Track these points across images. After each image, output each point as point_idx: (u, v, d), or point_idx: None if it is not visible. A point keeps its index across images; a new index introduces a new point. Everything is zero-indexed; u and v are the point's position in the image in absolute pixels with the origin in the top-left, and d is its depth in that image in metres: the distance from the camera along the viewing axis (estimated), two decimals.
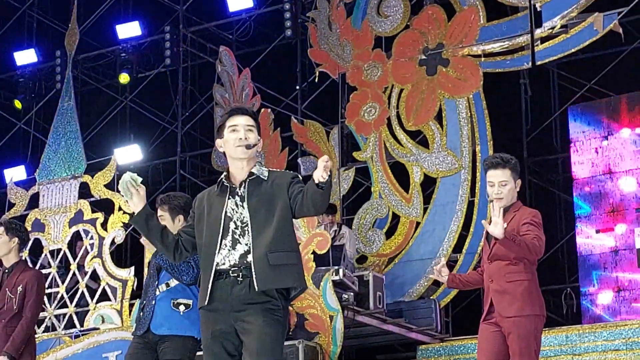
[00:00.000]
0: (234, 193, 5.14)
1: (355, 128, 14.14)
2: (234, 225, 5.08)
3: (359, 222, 13.79)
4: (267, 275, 4.98)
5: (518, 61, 13.39)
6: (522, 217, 6.11)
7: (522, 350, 5.99)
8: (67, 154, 12.78)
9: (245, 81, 14.97)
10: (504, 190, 6.18)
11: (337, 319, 10.87)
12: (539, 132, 14.41)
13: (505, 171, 6.21)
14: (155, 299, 6.83)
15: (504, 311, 6.07)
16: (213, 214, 5.15)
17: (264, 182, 5.14)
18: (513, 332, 6.02)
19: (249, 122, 5.18)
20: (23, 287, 7.53)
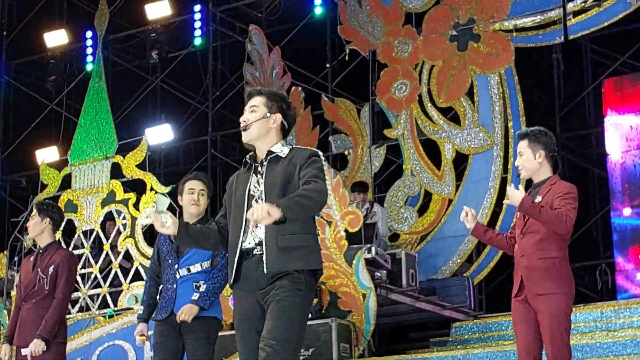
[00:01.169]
0: (257, 171, 5.15)
1: (386, 105, 14.08)
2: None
3: (391, 200, 13.75)
4: (276, 258, 4.98)
5: (550, 36, 13.28)
6: (557, 190, 6.10)
7: (553, 328, 5.98)
8: (99, 134, 12.80)
9: (276, 60, 14.93)
10: (521, 161, 6.26)
11: (369, 297, 10.86)
12: (571, 108, 14.30)
13: (522, 142, 6.29)
14: (177, 282, 6.86)
15: (533, 288, 6.06)
16: (239, 193, 5.16)
17: (282, 159, 5.11)
18: (543, 310, 6.01)
19: (253, 102, 5.22)
20: (54, 268, 7.56)
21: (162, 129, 15.36)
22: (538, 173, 6.25)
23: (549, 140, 6.28)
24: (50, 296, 7.55)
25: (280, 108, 5.23)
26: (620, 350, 9.16)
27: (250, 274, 5.04)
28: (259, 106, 5.20)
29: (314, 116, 14.69)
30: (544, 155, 6.22)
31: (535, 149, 6.22)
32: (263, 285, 5.00)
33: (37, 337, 7.40)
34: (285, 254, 4.98)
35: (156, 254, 7.12)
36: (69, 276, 7.63)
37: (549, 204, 6.05)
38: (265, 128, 5.17)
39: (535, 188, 6.26)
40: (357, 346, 10.80)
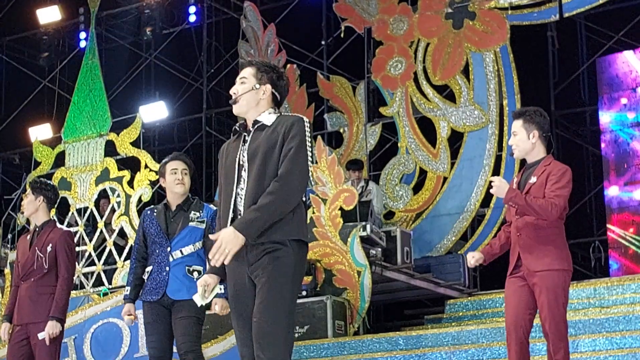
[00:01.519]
0: (245, 140, 5.08)
1: (381, 83, 14.06)
2: (245, 174, 5.01)
3: (386, 178, 13.75)
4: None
5: (545, 13, 13.25)
6: (552, 172, 6.12)
7: (551, 304, 6.01)
8: (93, 112, 12.76)
9: (271, 37, 14.88)
10: (515, 140, 6.28)
11: (364, 274, 10.87)
12: (566, 85, 14.30)
13: (517, 122, 6.32)
14: (169, 265, 6.87)
15: (532, 265, 6.08)
16: (228, 162, 5.09)
17: (267, 128, 5.04)
18: (542, 285, 6.03)
19: (243, 74, 5.16)
20: (53, 246, 7.55)
21: (156, 107, 15.31)
22: (531, 153, 6.27)
23: (543, 121, 6.28)
24: (50, 274, 7.55)
25: (270, 79, 5.15)
26: (613, 326, 9.19)
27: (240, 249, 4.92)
28: (248, 77, 5.14)
29: (309, 94, 14.67)
30: (537, 135, 6.24)
31: (530, 129, 6.24)
32: (252, 260, 4.91)
33: (50, 319, 7.40)
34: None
35: (142, 235, 7.10)
36: (70, 254, 7.63)
37: (543, 185, 6.07)
38: (254, 100, 5.11)
39: (529, 168, 6.27)
40: (352, 323, 10.82)
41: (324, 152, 11.37)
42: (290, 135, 4.97)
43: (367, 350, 10.03)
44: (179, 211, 7.04)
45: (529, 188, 6.15)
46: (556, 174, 6.09)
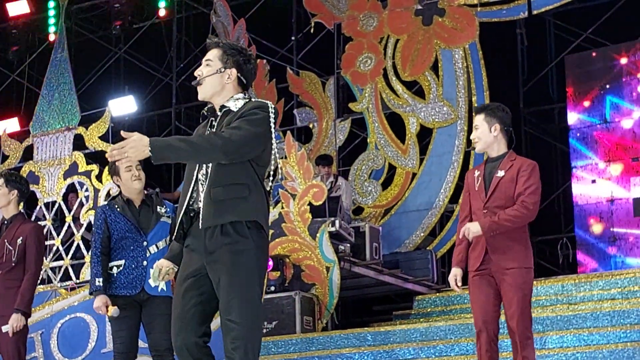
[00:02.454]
0: (212, 126, 4.94)
1: (351, 79, 14.08)
2: (205, 165, 4.86)
3: (355, 173, 13.77)
4: (210, 211, 4.75)
5: (514, 10, 13.30)
6: (521, 167, 6.16)
7: (520, 301, 6.06)
8: (61, 105, 12.69)
9: (241, 32, 14.86)
10: (477, 134, 6.35)
11: (333, 270, 10.89)
12: (535, 82, 14.37)
13: (479, 116, 6.39)
14: (147, 259, 6.85)
15: (503, 263, 6.11)
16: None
17: (232, 113, 4.88)
18: (512, 283, 6.07)
19: (208, 56, 5.03)
20: (23, 240, 7.51)
21: (125, 101, 15.22)
22: (493, 146, 6.32)
23: (505, 115, 6.36)
24: (18, 268, 7.50)
25: (236, 62, 4.98)
26: (580, 323, 9.24)
27: (198, 236, 4.80)
28: (213, 60, 4.99)
29: (278, 89, 14.66)
30: (499, 129, 6.30)
31: (491, 123, 6.30)
32: (210, 248, 4.75)
33: (15, 312, 7.36)
34: (217, 206, 4.73)
35: (106, 229, 7.01)
36: (39, 248, 7.60)
37: (514, 180, 6.12)
38: (219, 83, 4.94)
39: (492, 162, 6.32)
40: (320, 319, 10.84)
41: (294, 147, 11.37)
42: (245, 113, 4.83)
43: (335, 346, 10.03)
44: (144, 206, 7.02)
45: (497, 182, 6.18)
46: (526, 169, 6.14)
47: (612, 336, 8.74)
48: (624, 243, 13.11)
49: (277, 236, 11.03)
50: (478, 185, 6.31)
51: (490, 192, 6.20)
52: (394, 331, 10.02)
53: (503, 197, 6.15)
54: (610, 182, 13.27)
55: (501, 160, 6.25)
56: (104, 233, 7.03)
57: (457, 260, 6.37)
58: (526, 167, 6.16)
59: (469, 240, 6.21)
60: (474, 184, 6.35)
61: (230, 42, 5.13)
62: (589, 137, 13.52)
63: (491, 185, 6.20)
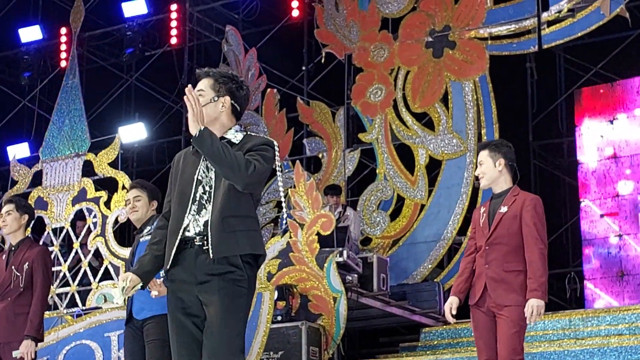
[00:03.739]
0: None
1: (361, 109, 14.12)
2: (202, 190, 4.86)
3: (364, 204, 13.78)
4: (221, 242, 4.75)
5: (525, 44, 13.35)
6: (525, 202, 6.18)
7: (513, 336, 6.07)
8: (71, 131, 12.75)
9: (252, 61, 14.93)
10: (482, 169, 6.34)
11: (340, 300, 10.85)
12: (544, 116, 14.38)
13: (483, 152, 6.39)
14: None
15: (500, 299, 6.12)
16: (186, 176, 4.93)
17: (234, 145, 4.88)
18: (507, 318, 6.09)
19: (200, 85, 4.96)
20: (30, 264, 7.51)
21: (135, 128, 15.29)
22: (498, 182, 6.33)
23: (509, 151, 6.38)
24: (27, 293, 7.49)
25: (229, 90, 4.96)
26: (587, 358, 9.23)
27: (189, 264, 4.81)
28: (205, 90, 4.94)
29: (288, 118, 14.70)
30: (504, 163, 6.31)
31: (496, 158, 6.32)
32: (201, 279, 4.77)
33: (26, 338, 7.35)
34: (230, 237, 4.76)
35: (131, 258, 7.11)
36: (46, 272, 7.59)
37: (517, 216, 6.13)
38: (214, 112, 4.91)
39: (496, 198, 6.33)
40: (326, 350, 10.80)
41: (303, 177, 11.37)
42: (255, 149, 4.86)
43: None
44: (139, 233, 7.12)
45: (500, 218, 6.20)
46: (530, 204, 6.16)
47: None
48: (631, 278, 13.08)
49: (284, 265, 11.02)
50: (482, 221, 6.33)
51: (493, 228, 6.22)
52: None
53: (506, 234, 6.16)
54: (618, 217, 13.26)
55: (505, 196, 6.27)
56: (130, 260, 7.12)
57: (455, 290, 6.38)
58: (529, 202, 6.18)
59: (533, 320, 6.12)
60: (479, 220, 6.37)
61: (220, 70, 5.10)
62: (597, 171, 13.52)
63: (494, 221, 6.22)
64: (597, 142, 13.67)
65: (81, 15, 13.66)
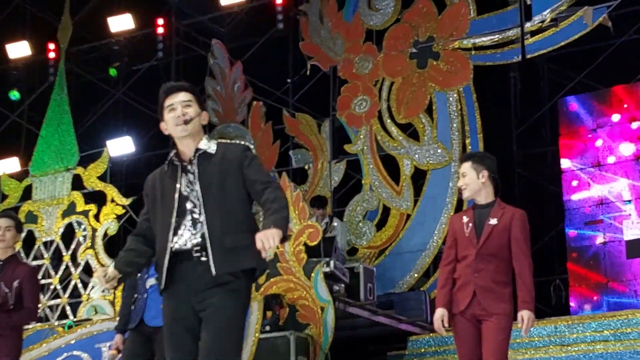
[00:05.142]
0: (186, 170, 5.02)
1: (346, 121, 14.20)
2: (192, 205, 4.94)
3: (350, 214, 13.86)
4: (224, 258, 4.84)
5: (508, 54, 13.46)
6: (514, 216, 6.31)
7: (501, 342, 6.17)
8: (60, 146, 12.83)
9: (237, 74, 15.02)
10: (465, 181, 6.42)
11: (328, 310, 10.91)
12: (528, 125, 14.46)
13: (465, 164, 6.47)
14: (147, 292, 6.90)
15: (489, 307, 6.20)
16: (167, 195, 5.01)
17: (212, 156, 5.01)
18: (493, 326, 6.18)
19: (185, 97, 5.09)
20: (19, 282, 7.56)
21: (123, 141, 15.34)
22: (480, 193, 6.42)
23: (491, 162, 6.48)
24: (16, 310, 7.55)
25: (204, 106, 5.19)
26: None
27: (186, 278, 4.91)
28: (192, 101, 5.10)
29: (274, 130, 14.77)
30: (487, 175, 6.40)
31: (479, 169, 6.41)
32: (200, 289, 4.86)
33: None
34: (234, 253, 4.85)
35: None
36: (36, 289, 7.69)
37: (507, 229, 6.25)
38: (199, 124, 5.08)
39: (481, 209, 6.41)
40: (315, 359, 10.86)
41: (289, 189, 11.46)
42: (247, 161, 4.99)
43: None
44: None
45: (490, 230, 6.28)
46: (519, 218, 6.29)
47: None
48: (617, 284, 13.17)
49: (272, 275, 11.08)
50: (469, 231, 6.35)
51: (484, 240, 6.28)
52: None
53: (496, 245, 6.25)
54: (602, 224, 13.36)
55: (491, 208, 6.36)
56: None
57: (443, 302, 6.41)
58: (518, 216, 6.31)
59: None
60: (462, 229, 6.39)
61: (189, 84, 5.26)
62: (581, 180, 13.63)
63: (484, 233, 6.28)
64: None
65: (69, 31, 13.77)
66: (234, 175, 4.96)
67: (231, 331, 4.85)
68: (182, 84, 5.21)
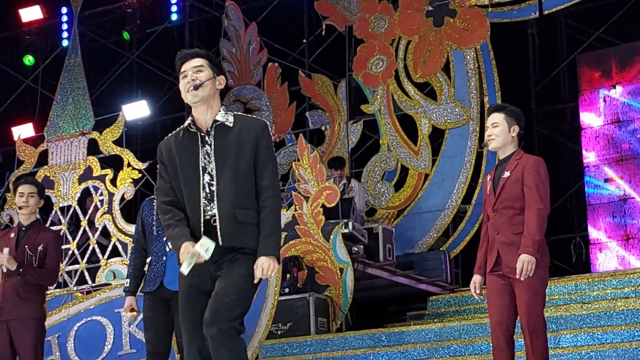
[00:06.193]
0: (204, 142, 5.04)
1: (362, 81, 14.12)
2: (209, 177, 4.99)
3: (368, 175, 13.81)
4: (234, 231, 4.94)
5: (525, 11, 13.32)
6: (527, 165, 6.21)
7: (530, 300, 6.09)
8: (75, 110, 12.80)
9: (252, 35, 14.92)
10: (495, 131, 6.32)
11: (347, 271, 10.92)
12: (547, 82, 14.38)
13: (498, 114, 6.36)
14: (166, 255, 6.84)
15: (512, 262, 6.11)
16: (188, 164, 5.05)
17: (230, 129, 5.03)
18: (521, 281, 6.07)
19: (197, 63, 5.09)
20: (44, 247, 7.62)
21: (138, 105, 15.26)
22: (506, 148, 6.35)
23: (522, 119, 6.42)
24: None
25: (221, 70, 5.18)
26: (594, 322, 9.25)
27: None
28: (204, 66, 5.10)
29: (291, 92, 14.70)
30: (517, 130, 6.35)
31: (511, 123, 6.34)
32: (216, 258, 4.92)
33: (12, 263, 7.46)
34: (242, 227, 4.96)
35: (140, 225, 7.09)
36: (59, 254, 7.80)
37: (519, 180, 6.16)
38: (214, 89, 5.08)
39: (501, 164, 6.36)
40: (334, 320, 10.87)
41: (306, 150, 11.42)
42: (263, 144, 5.05)
43: (350, 346, 10.06)
44: None
45: (503, 183, 6.23)
46: (531, 166, 6.19)
47: (626, 335, 8.73)
48: (637, 242, 13.12)
49: (290, 238, 11.08)
50: (489, 189, 6.37)
51: (497, 194, 6.26)
52: (408, 332, 10.05)
53: (510, 198, 6.19)
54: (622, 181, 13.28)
55: (508, 161, 6.31)
56: (139, 229, 7.07)
57: (477, 267, 6.45)
58: (531, 164, 6.21)
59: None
60: (486, 188, 6.41)
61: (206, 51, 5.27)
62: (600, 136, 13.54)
63: (498, 187, 6.26)
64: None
65: None
66: (248, 151, 4.99)
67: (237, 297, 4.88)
68: (195, 50, 5.21)
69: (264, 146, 5.03)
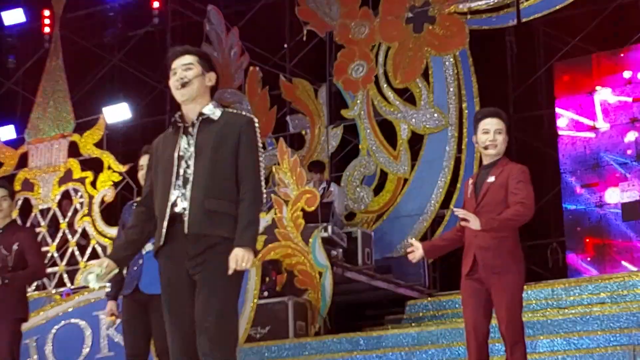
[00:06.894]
0: (187, 132, 5.01)
1: (343, 86, 14.19)
2: (185, 165, 4.94)
3: (347, 179, 13.87)
4: (201, 219, 4.85)
5: (504, 18, 13.43)
6: (511, 173, 6.13)
7: (508, 304, 6.06)
8: (56, 113, 12.80)
9: (234, 40, 14.96)
10: (499, 138, 6.22)
11: (326, 275, 10.96)
12: (524, 89, 14.45)
13: (500, 121, 6.28)
14: (142, 257, 6.82)
15: (488, 267, 6.09)
16: (166, 155, 5.01)
17: (214, 122, 5.00)
18: (498, 287, 6.07)
19: (186, 60, 5.08)
20: (19, 245, 7.62)
21: (119, 108, 15.27)
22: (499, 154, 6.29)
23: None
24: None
25: (212, 67, 5.14)
26: (570, 327, 9.32)
27: (180, 240, 4.89)
28: (194, 64, 5.08)
29: (271, 96, 14.74)
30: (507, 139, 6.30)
31: (506, 130, 6.29)
32: (192, 253, 4.85)
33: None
34: (210, 217, 4.86)
35: (121, 228, 7.09)
36: (38, 246, 7.83)
37: (504, 185, 6.11)
38: (202, 86, 5.05)
39: (485, 169, 6.29)
40: (313, 324, 10.90)
41: (287, 154, 11.47)
42: (246, 138, 5.00)
43: (328, 350, 10.09)
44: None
45: (487, 188, 6.16)
46: (518, 172, 6.11)
47: (602, 340, 8.76)
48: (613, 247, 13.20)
49: (270, 242, 11.11)
50: (470, 192, 6.28)
51: (480, 197, 6.18)
52: (386, 336, 10.09)
53: (492, 202, 6.11)
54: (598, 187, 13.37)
55: (493, 166, 6.23)
56: (120, 231, 7.06)
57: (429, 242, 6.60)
58: (516, 171, 6.13)
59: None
60: (467, 191, 6.33)
61: (198, 48, 5.26)
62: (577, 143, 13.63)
63: (481, 190, 6.18)
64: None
65: None
66: (229, 145, 4.96)
67: (225, 293, 4.84)
68: (186, 47, 5.20)
69: (246, 141, 4.98)
